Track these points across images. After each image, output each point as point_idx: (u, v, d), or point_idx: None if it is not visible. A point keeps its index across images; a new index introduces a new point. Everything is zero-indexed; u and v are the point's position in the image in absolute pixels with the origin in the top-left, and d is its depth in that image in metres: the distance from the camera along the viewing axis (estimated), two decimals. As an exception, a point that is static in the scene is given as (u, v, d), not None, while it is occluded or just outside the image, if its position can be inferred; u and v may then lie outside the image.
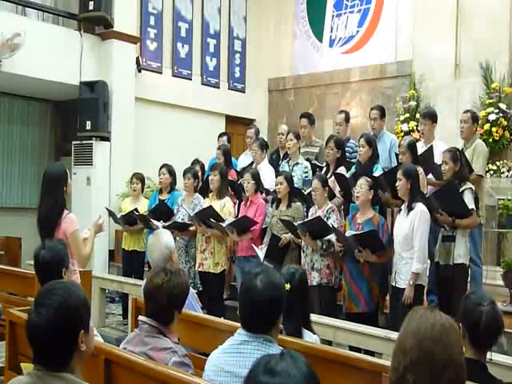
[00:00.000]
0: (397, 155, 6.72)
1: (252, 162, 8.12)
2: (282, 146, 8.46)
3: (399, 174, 5.55)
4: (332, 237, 6.05)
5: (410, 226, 5.39)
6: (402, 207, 5.63)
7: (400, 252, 5.52)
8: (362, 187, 5.88)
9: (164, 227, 6.86)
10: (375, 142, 6.76)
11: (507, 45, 9.80)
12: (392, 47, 11.48)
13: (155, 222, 7.34)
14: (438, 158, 6.35)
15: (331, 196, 6.57)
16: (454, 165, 5.70)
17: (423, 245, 5.38)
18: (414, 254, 5.36)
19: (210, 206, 6.87)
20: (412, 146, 6.37)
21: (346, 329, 5.25)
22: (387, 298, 6.08)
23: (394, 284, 5.61)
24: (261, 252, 6.53)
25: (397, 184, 5.56)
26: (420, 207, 5.41)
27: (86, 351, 2.27)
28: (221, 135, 9.41)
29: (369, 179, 5.94)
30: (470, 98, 9.92)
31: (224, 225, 6.73)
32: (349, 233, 5.80)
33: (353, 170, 6.74)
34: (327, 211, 6.22)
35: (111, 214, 8.22)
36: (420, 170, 6.03)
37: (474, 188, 5.66)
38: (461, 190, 5.60)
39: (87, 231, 4.95)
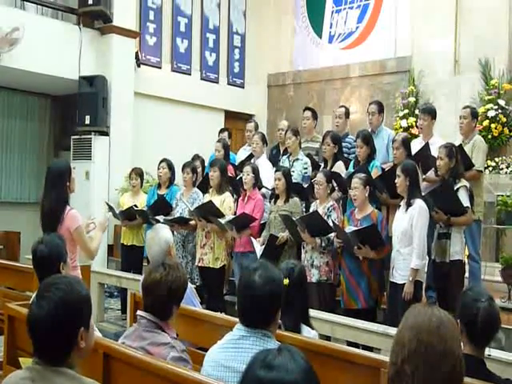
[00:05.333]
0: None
1: (250, 155, 8.12)
2: (281, 142, 8.45)
3: (398, 171, 5.55)
4: (332, 234, 6.05)
5: (409, 222, 5.40)
6: (401, 203, 5.63)
7: (398, 248, 5.53)
8: (356, 187, 5.86)
9: (164, 221, 6.87)
10: (372, 138, 6.74)
11: (506, 41, 9.81)
12: (391, 43, 11.48)
13: (157, 217, 7.33)
14: (435, 155, 6.36)
15: (331, 190, 6.55)
16: (448, 160, 5.70)
17: (422, 241, 5.39)
18: (414, 250, 5.37)
19: (210, 200, 6.87)
20: (406, 142, 6.36)
21: (345, 324, 5.26)
22: (385, 294, 6.09)
23: (391, 279, 5.62)
24: (258, 244, 6.53)
25: (396, 180, 5.56)
26: (419, 203, 5.41)
27: (86, 349, 2.27)
28: (221, 131, 9.42)
29: (362, 176, 5.92)
30: (469, 94, 9.92)
31: (223, 222, 6.72)
32: (349, 229, 5.80)
33: (351, 168, 6.74)
34: (328, 209, 6.21)
35: (111, 208, 8.22)
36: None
37: (468, 186, 5.67)
38: (456, 187, 5.61)
39: (92, 225, 5.04)
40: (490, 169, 9.02)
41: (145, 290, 3.18)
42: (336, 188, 6.69)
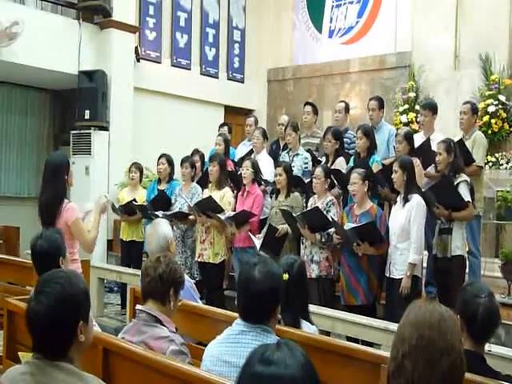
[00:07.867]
0: (394, 147, 6.72)
1: (251, 151, 8.10)
2: (281, 137, 8.42)
3: (395, 166, 5.57)
4: (331, 229, 6.04)
5: (407, 218, 5.42)
6: (398, 199, 5.66)
7: (395, 243, 5.55)
8: (355, 182, 5.85)
9: (164, 216, 6.85)
10: (373, 133, 6.74)
11: (507, 36, 9.78)
12: (391, 38, 11.44)
13: (156, 212, 7.31)
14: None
15: (331, 185, 6.54)
16: (447, 155, 5.69)
17: (420, 236, 5.41)
18: (411, 245, 5.39)
19: (210, 196, 6.85)
20: (409, 137, 6.36)
21: (345, 320, 5.26)
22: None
23: (388, 275, 5.64)
24: (257, 240, 6.52)
25: (393, 176, 5.58)
26: (416, 199, 5.43)
27: (85, 342, 2.27)
28: (222, 125, 9.38)
29: (360, 171, 5.91)
30: (469, 89, 9.90)
31: (223, 218, 6.71)
32: (347, 226, 5.79)
33: (351, 163, 6.73)
34: (327, 204, 6.20)
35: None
36: (417, 161, 6.03)
37: (469, 180, 5.66)
38: (456, 182, 5.60)
39: (90, 205, 5.01)
40: (490, 164, 9.00)
41: (144, 271, 3.24)
42: (337, 185, 6.69)
